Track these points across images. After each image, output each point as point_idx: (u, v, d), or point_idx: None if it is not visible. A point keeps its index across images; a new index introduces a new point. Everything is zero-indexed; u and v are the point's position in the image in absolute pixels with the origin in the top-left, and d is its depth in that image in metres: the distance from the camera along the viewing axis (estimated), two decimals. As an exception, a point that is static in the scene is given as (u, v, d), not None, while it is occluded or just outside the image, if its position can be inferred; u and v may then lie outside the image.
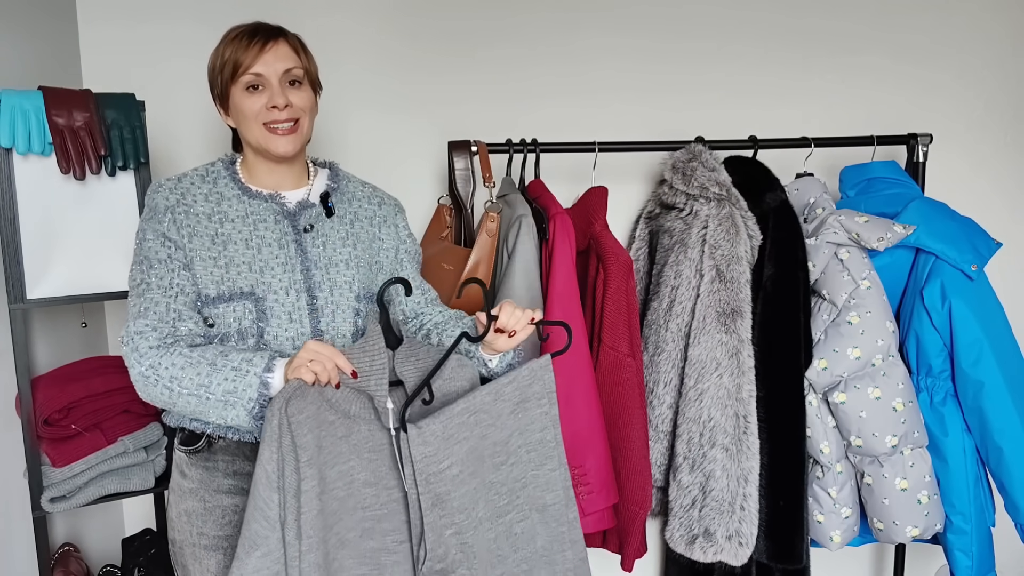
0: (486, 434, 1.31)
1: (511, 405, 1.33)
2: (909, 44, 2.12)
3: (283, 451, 1.16)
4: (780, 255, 1.72)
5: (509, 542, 1.34)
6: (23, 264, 1.53)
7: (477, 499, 1.31)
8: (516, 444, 1.34)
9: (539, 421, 1.36)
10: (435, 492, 1.27)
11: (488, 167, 1.77)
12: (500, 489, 1.34)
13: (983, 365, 1.68)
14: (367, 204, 1.44)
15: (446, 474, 1.27)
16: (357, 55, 1.98)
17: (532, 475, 1.36)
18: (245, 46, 1.28)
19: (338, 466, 1.22)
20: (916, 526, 1.72)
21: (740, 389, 1.65)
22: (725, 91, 2.09)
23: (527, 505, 1.36)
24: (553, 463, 1.37)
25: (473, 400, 1.29)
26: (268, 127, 1.30)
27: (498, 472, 1.33)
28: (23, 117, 1.49)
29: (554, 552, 1.38)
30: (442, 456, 1.27)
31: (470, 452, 1.29)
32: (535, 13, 2.02)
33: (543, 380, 1.36)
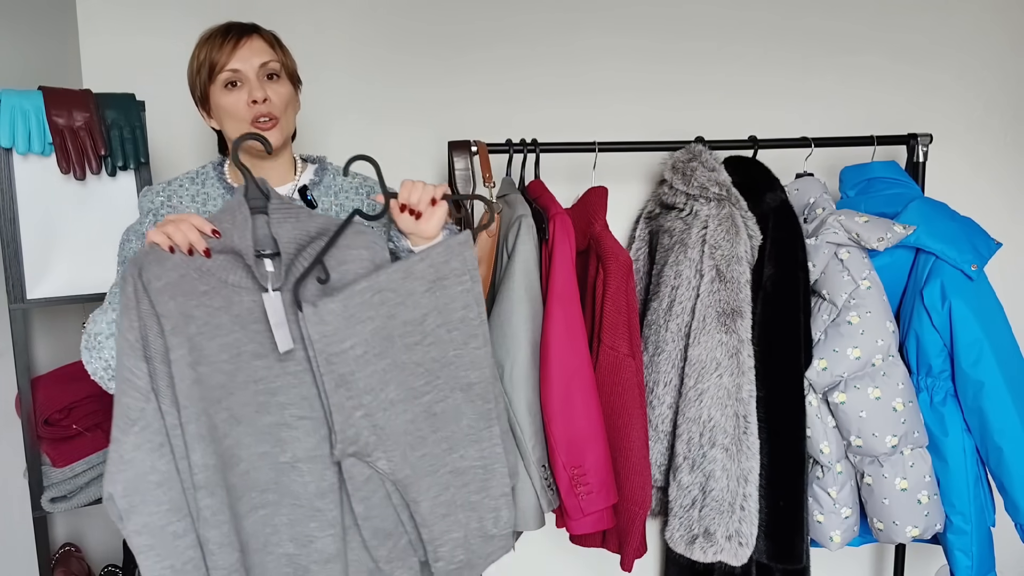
0: (394, 313, 1.25)
1: (425, 283, 1.26)
2: (909, 44, 2.12)
3: (143, 317, 1.12)
4: (780, 255, 1.72)
5: (428, 423, 1.30)
6: (23, 264, 1.53)
7: (387, 380, 1.26)
8: (433, 323, 1.28)
9: (460, 299, 1.28)
10: (338, 372, 1.21)
11: (488, 167, 1.77)
12: (415, 370, 1.28)
13: (983, 365, 1.68)
14: (354, 195, 1.43)
15: (349, 354, 1.22)
16: (357, 56, 1.98)
17: (455, 354, 1.30)
18: (219, 45, 1.29)
19: (219, 338, 1.18)
20: (916, 526, 1.72)
21: (740, 389, 1.65)
22: (725, 91, 2.09)
23: (448, 385, 1.30)
24: (478, 341, 1.31)
25: (378, 278, 1.23)
26: (254, 125, 1.30)
27: (411, 352, 1.27)
28: (23, 117, 1.50)
29: (480, 429, 1.34)
30: (343, 336, 1.21)
31: (376, 332, 1.24)
32: (535, 13, 2.02)
33: (462, 256, 1.27)
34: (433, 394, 1.31)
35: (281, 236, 1.21)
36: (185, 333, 1.15)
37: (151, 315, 1.13)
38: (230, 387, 1.19)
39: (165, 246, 1.15)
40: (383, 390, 1.26)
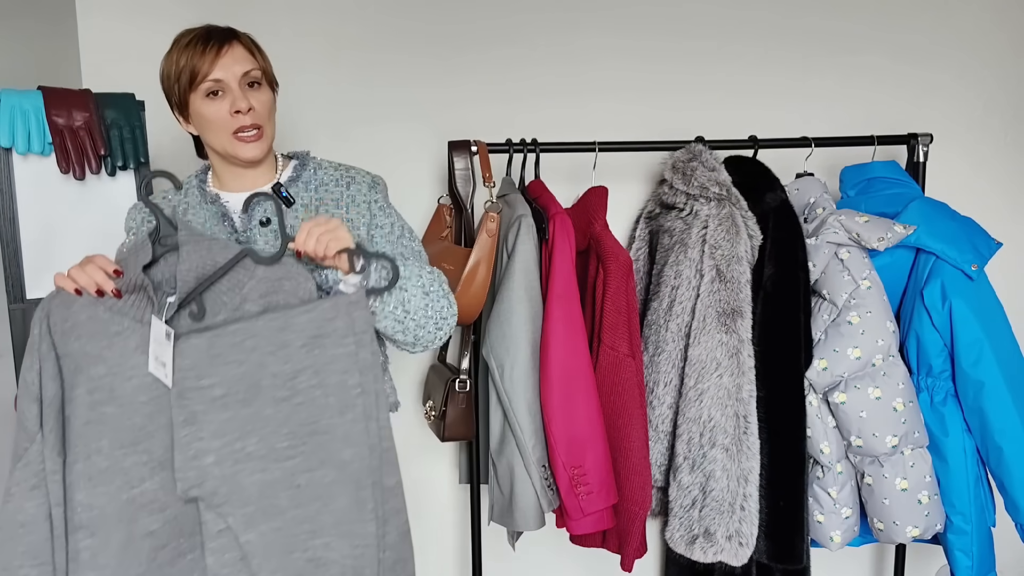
0: (264, 363, 1.17)
1: (303, 338, 1.17)
2: (909, 44, 2.12)
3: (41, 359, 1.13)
4: (780, 255, 1.72)
5: (288, 494, 1.18)
6: (23, 264, 1.53)
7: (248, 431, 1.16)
8: (307, 383, 1.18)
9: (340, 362, 1.18)
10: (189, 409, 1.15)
11: (488, 167, 1.77)
12: (279, 429, 1.17)
13: (983, 365, 1.68)
14: (334, 187, 1.39)
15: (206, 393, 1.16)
16: (357, 56, 1.98)
17: (328, 423, 1.18)
18: (200, 52, 1.26)
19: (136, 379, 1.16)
20: (916, 526, 1.71)
21: (740, 389, 1.65)
22: (725, 91, 2.09)
23: (318, 457, 1.18)
24: (356, 413, 1.19)
25: (254, 323, 1.16)
26: (236, 135, 1.29)
27: (278, 408, 1.17)
28: (23, 117, 1.49)
29: (354, 521, 1.19)
30: (202, 372, 1.15)
31: (243, 377, 1.16)
32: (535, 13, 2.02)
33: (350, 317, 1.18)
34: (298, 460, 1.18)
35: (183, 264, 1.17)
36: (88, 374, 1.14)
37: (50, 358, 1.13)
38: (150, 429, 1.16)
39: (71, 289, 1.16)
40: (240, 440, 1.17)
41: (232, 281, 1.20)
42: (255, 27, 1.40)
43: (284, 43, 1.93)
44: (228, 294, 1.20)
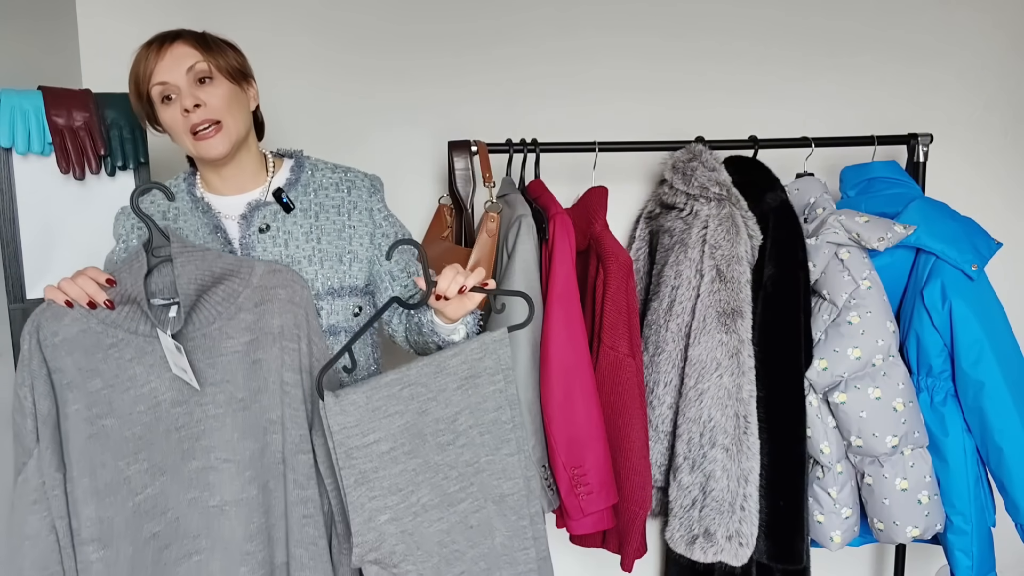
0: (426, 409, 1.19)
1: (457, 380, 1.21)
2: (909, 44, 2.12)
3: (33, 376, 1.13)
4: (780, 255, 1.72)
5: (465, 536, 1.21)
6: (23, 264, 1.53)
7: (419, 482, 1.18)
8: (466, 424, 1.22)
9: (492, 399, 1.23)
10: (359, 469, 1.15)
11: (488, 167, 1.77)
12: (449, 473, 1.20)
13: (983, 365, 1.68)
14: (334, 192, 1.37)
15: (373, 449, 1.15)
16: (356, 54, 1.98)
17: (487, 460, 1.22)
18: (144, 57, 1.25)
19: (133, 390, 1.17)
20: (916, 526, 1.71)
21: (740, 389, 1.65)
22: (725, 91, 2.09)
23: (482, 494, 1.22)
24: (510, 447, 1.24)
25: (408, 372, 1.18)
26: (193, 136, 1.26)
27: (445, 453, 1.20)
28: (23, 117, 1.49)
29: (515, 549, 1.25)
30: (366, 429, 1.15)
31: (406, 428, 1.17)
32: (534, 12, 2.02)
33: (496, 355, 1.23)
34: (469, 503, 1.22)
35: (182, 277, 1.17)
36: (85, 388, 1.14)
37: (41, 374, 1.13)
38: (149, 437, 1.18)
39: (61, 301, 1.15)
40: (414, 492, 1.18)
41: (227, 291, 1.21)
42: (255, 28, 1.40)
43: (284, 44, 1.93)
44: (223, 304, 1.21)
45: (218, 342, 1.21)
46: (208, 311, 1.21)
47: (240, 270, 1.22)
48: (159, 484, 1.20)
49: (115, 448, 1.17)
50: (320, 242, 1.33)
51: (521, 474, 1.25)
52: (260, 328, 1.22)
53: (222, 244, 1.31)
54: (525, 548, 1.26)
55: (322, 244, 1.33)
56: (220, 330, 1.21)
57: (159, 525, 1.20)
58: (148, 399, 1.18)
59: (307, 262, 1.32)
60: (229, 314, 1.21)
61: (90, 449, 1.15)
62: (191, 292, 1.17)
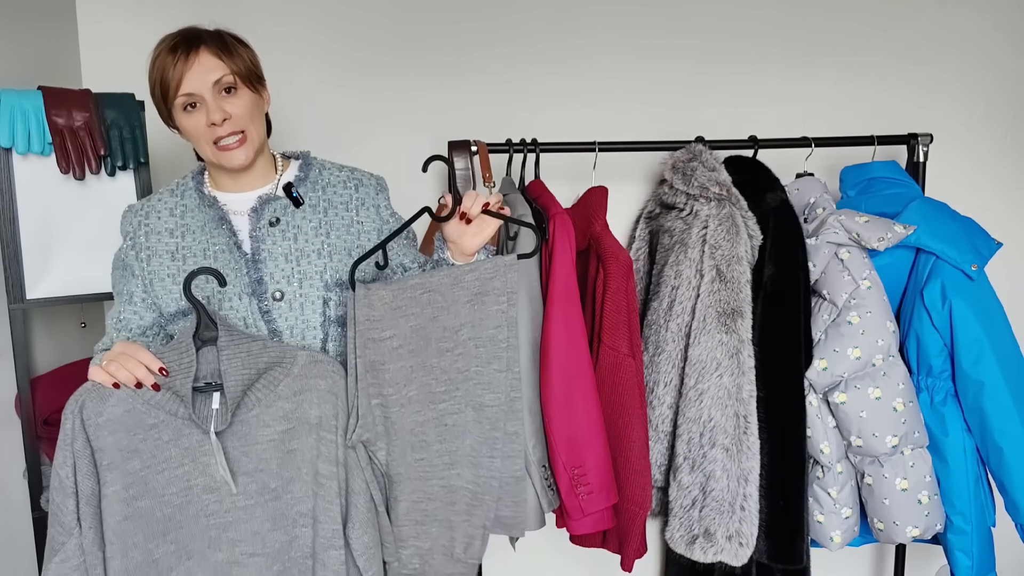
0: (437, 316, 1.28)
1: (468, 294, 1.29)
2: (909, 44, 2.12)
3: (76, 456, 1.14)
4: (780, 255, 1.71)
5: (436, 431, 1.32)
6: (23, 264, 1.53)
7: (412, 378, 1.29)
8: (466, 335, 1.31)
9: (494, 318, 1.31)
10: (370, 358, 1.26)
11: (488, 167, 1.77)
12: (440, 376, 1.30)
13: (983, 365, 1.68)
14: (342, 189, 1.40)
15: (386, 344, 1.26)
16: (356, 54, 1.98)
17: (476, 371, 1.32)
18: (171, 63, 1.24)
19: (168, 471, 1.19)
20: (916, 526, 1.71)
21: (740, 389, 1.65)
22: (725, 91, 2.09)
23: (464, 399, 1.32)
24: (500, 364, 1.32)
25: (430, 278, 1.28)
26: (217, 146, 1.28)
27: (442, 358, 1.30)
28: (23, 117, 1.49)
29: (481, 455, 1.34)
30: (386, 325, 1.25)
31: (416, 330, 1.28)
32: (534, 12, 2.02)
33: (505, 278, 1.31)
34: (449, 403, 1.31)
35: (229, 374, 1.19)
36: (124, 468, 1.16)
37: (84, 454, 1.14)
38: (179, 519, 1.20)
39: (108, 384, 1.16)
40: (405, 386, 1.29)
41: (269, 379, 1.23)
42: (254, 27, 1.40)
43: (284, 44, 1.93)
44: (263, 391, 1.23)
45: (255, 430, 1.22)
46: (248, 398, 1.22)
47: (284, 359, 1.24)
48: (184, 568, 1.21)
49: (147, 528, 1.18)
50: (329, 236, 1.36)
51: (505, 391, 1.33)
52: (297, 417, 1.23)
53: (227, 237, 1.32)
54: (491, 456, 1.34)
55: (331, 238, 1.36)
56: (258, 418, 1.22)
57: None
58: (181, 482, 1.20)
59: (316, 255, 1.34)
60: (268, 402, 1.23)
61: (124, 530, 1.16)
62: (239, 390, 1.20)
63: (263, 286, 1.31)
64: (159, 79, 1.26)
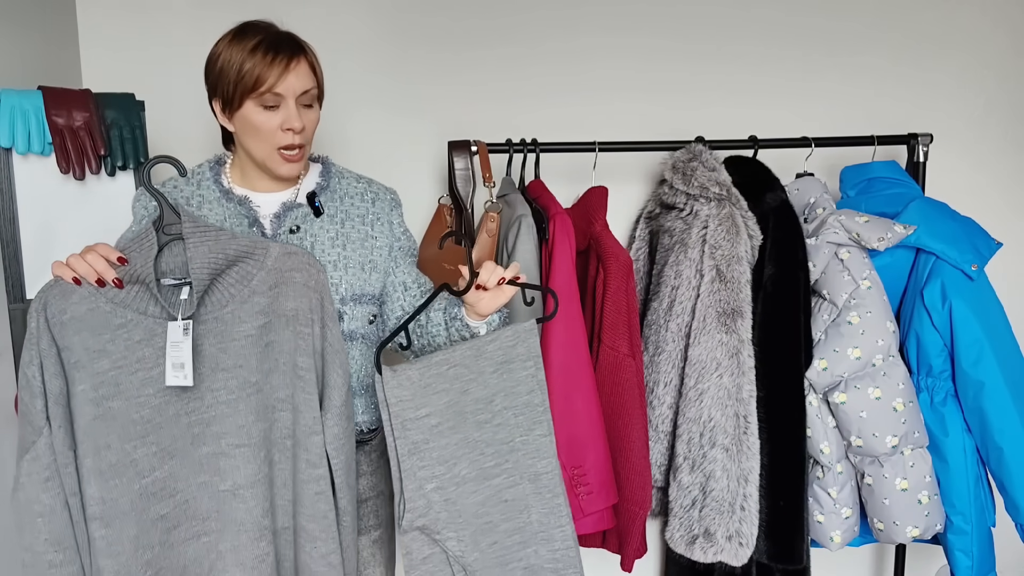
0: (467, 389, 1.28)
1: (493, 364, 1.29)
2: (909, 44, 2.12)
3: (42, 355, 1.12)
4: (780, 255, 1.71)
5: (498, 509, 1.30)
6: (23, 264, 1.53)
7: (459, 456, 1.27)
8: (501, 405, 1.30)
9: (525, 383, 1.31)
10: (412, 440, 1.24)
11: (488, 167, 1.77)
12: (485, 450, 1.29)
13: (983, 365, 1.68)
14: (359, 202, 1.42)
15: (424, 422, 1.25)
16: (356, 54, 1.98)
17: (521, 440, 1.31)
18: (269, 62, 1.24)
19: (141, 372, 1.17)
20: (916, 526, 1.71)
21: (740, 389, 1.65)
22: (725, 91, 2.09)
23: (517, 471, 1.31)
24: (543, 428, 1.32)
25: (452, 353, 1.27)
26: (280, 151, 1.29)
27: (482, 431, 1.29)
28: (23, 117, 1.49)
29: (551, 527, 1.32)
30: (419, 403, 1.24)
31: (450, 405, 1.27)
32: (535, 12, 2.02)
33: (527, 343, 1.32)
34: (503, 478, 1.30)
35: (195, 260, 1.16)
36: (91, 369, 1.14)
37: (50, 353, 1.13)
38: (158, 421, 1.18)
39: (68, 278, 1.13)
40: (456, 464, 1.27)
41: (241, 272, 1.21)
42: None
43: (284, 43, 1.93)
44: (236, 286, 1.20)
45: (231, 326, 1.20)
46: (221, 294, 1.20)
47: (255, 252, 1.21)
48: (168, 467, 1.20)
49: (121, 430, 1.16)
50: (345, 248, 1.37)
51: (553, 455, 1.32)
52: (274, 311, 1.21)
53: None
54: (562, 526, 1.32)
55: (347, 251, 1.37)
56: (233, 314, 1.20)
57: (167, 507, 1.21)
58: (157, 382, 1.18)
59: (332, 267, 1.35)
60: (243, 297, 1.20)
61: (95, 430, 1.15)
62: (204, 276, 1.16)
63: None
64: (250, 71, 1.23)
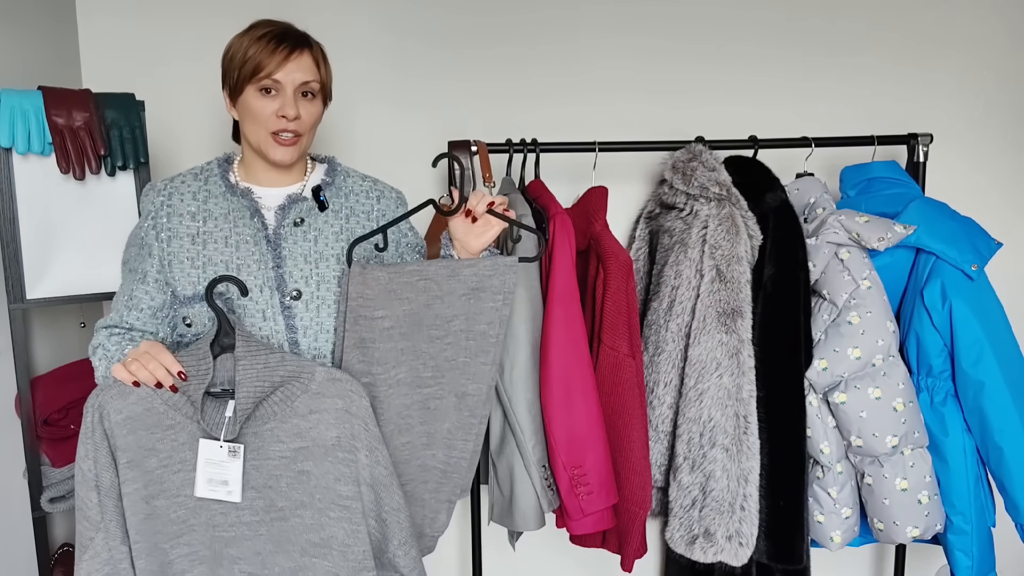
0: (431, 304, 1.32)
1: (465, 288, 1.33)
2: (909, 44, 2.12)
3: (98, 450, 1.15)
4: (780, 255, 1.71)
5: (420, 414, 1.36)
6: (23, 264, 1.53)
7: (402, 361, 1.32)
8: (458, 327, 1.34)
9: (487, 314, 1.35)
10: (360, 335, 1.28)
11: (488, 167, 1.77)
12: (428, 362, 1.34)
13: (983, 365, 1.68)
14: (364, 199, 1.43)
15: (377, 323, 1.29)
16: (356, 54, 1.98)
17: (464, 361, 1.36)
18: (271, 50, 1.28)
19: (183, 472, 1.19)
20: (916, 526, 1.71)
21: (740, 389, 1.65)
22: (725, 91, 2.09)
23: (449, 386, 1.36)
24: (487, 357, 1.37)
25: (427, 267, 1.31)
26: (273, 135, 1.31)
27: (432, 345, 1.34)
28: (23, 117, 1.49)
29: (456, 438, 1.39)
30: (379, 305, 1.28)
31: (409, 314, 1.31)
32: (535, 12, 2.02)
33: (503, 277, 1.34)
34: (434, 388, 1.35)
35: (243, 383, 1.18)
36: (143, 467, 1.16)
37: (104, 447, 1.15)
38: (191, 523, 1.20)
39: (129, 382, 1.18)
40: (395, 368, 1.31)
41: (285, 394, 1.22)
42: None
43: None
44: (279, 405, 1.22)
45: (268, 444, 1.21)
46: (264, 410, 1.21)
47: (301, 374, 1.22)
48: (198, 572, 1.21)
49: (163, 529, 1.19)
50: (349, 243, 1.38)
51: (487, 382, 1.38)
52: (312, 438, 1.21)
53: (257, 229, 1.33)
54: (465, 440, 1.40)
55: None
56: (272, 432, 1.21)
57: None
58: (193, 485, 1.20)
59: (335, 260, 1.36)
60: (283, 417, 1.21)
61: (147, 529, 1.17)
62: (249, 404, 1.18)
63: (283, 284, 1.32)
64: (253, 57, 1.27)
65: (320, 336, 1.33)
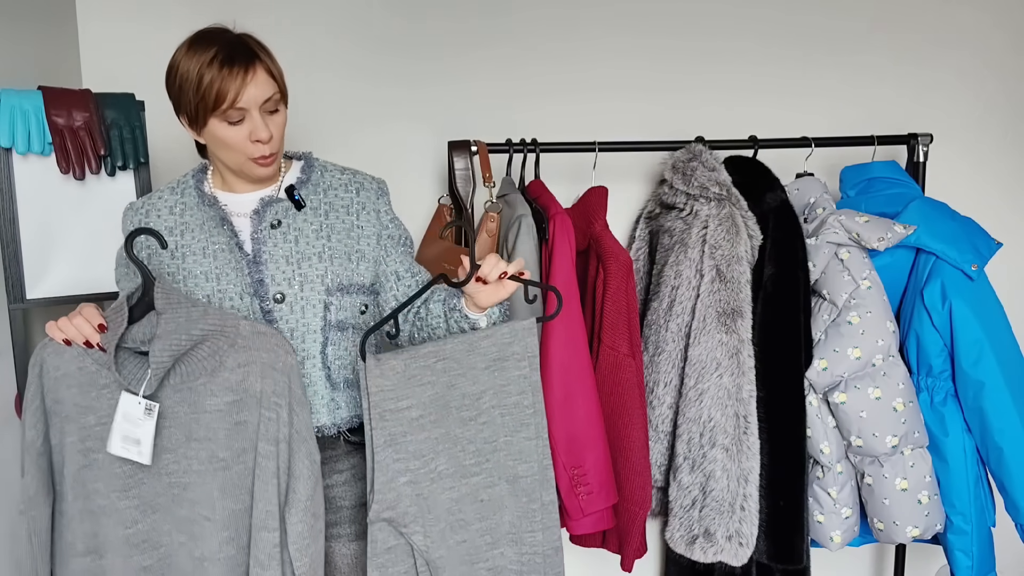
0: (454, 383, 1.25)
1: (486, 361, 1.27)
2: (909, 44, 2.12)
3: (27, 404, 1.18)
4: (780, 255, 1.71)
5: (473, 508, 1.27)
6: (23, 264, 1.53)
7: (439, 450, 1.25)
8: (489, 403, 1.27)
9: (516, 384, 1.28)
10: (389, 431, 1.21)
11: (488, 167, 1.77)
12: (467, 447, 1.26)
13: (983, 365, 1.68)
14: (343, 192, 1.40)
15: (404, 415, 1.22)
16: (357, 54, 1.98)
17: (505, 440, 1.28)
18: (226, 75, 1.22)
19: None
20: (916, 526, 1.71)
21: (740, 389, 1.65)
22: (726, 91, 2.09)
23: (497, 472, 1.28)
24: (529, 432, 1.29)
25: (443, 345, 1.24)
26: (253, 159, 1.29)
27: (466, 428, 1.26)
28: (23, 117, 1.49)
29: (522, 531, 1.30)
30: (401, 394, 1.22)
31: (435, 399, 1.24)
32: (535, 12, 2.02)
33: (524, 342, 1.29)
34: (482, 477, 1.27)
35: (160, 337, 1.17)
36: (80, 423, 1.19)
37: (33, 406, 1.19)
38: (140, 476, 1.21)
39: (60, 340, 1.20)
40: (433, 459, 1.24)
41: (212, 347, 1.22)
42: (254, 28, 1.39)
43: (283, 43, 1.93)
44: (207, 360, 1.22)
45: (202, 398, 1.21)
46: (194, 365, 1.22)
47: (225, 328, 1.21)
48: (150, 521, 1.23)
49: (106, 480, 1.21)
50: (330, 240, 1.36)
51: (537, 460, 1.29)
52: (244, 389, 1.21)
53: (228, 237, 1.32)
54: (532, 531, 1.30)
55: (332, 242, 1.36)
56: (204, 386, 1.21)
57: (150, 559, 1.23)
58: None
59: (317, 259, 1.34)
60: (213, 371, 1.21)
61: (83, 477, 1.20)
62: (165, 359, 1.18)
63: (264, 288, 1.31)
64: (209, 87, 1.22)
65: (308, 337, 1.32)
